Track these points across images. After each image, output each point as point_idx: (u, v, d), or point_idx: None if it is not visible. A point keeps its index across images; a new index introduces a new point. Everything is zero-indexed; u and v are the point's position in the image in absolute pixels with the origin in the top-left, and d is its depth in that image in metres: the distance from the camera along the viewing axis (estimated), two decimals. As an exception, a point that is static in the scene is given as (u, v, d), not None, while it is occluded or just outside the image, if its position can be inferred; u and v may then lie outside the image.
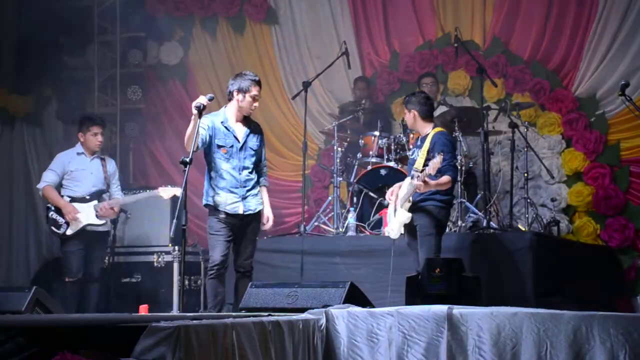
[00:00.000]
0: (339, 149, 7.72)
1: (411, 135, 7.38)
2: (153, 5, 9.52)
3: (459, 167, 6.85)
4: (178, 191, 6.79)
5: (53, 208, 7.00)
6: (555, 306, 4.58)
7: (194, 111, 5.58)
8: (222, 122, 5.91)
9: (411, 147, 7.33)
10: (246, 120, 6.01)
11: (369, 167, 7.47)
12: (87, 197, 7.01)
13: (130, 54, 9.60)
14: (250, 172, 5.98)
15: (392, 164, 7.33)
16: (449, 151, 5.91)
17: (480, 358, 4.19)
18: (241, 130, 5.96)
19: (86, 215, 6.95)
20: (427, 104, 6.15)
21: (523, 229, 7.08)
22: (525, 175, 7.39)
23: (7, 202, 9.53)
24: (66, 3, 9.43)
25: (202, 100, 5.62)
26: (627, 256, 7.74)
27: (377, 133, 7.52)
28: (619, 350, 3.98)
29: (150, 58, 9.65)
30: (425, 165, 5.84)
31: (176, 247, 7.62)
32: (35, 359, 3.35)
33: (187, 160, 5.37)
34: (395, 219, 6.01)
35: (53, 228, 7.00)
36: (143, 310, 6.91)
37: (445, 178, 5.85)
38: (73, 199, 6.99)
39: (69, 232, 6.93)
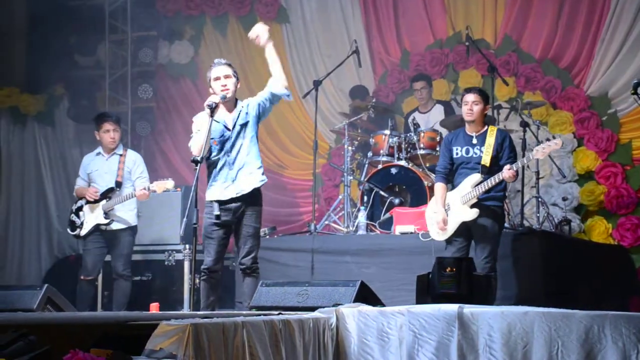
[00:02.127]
0: (350, 147, 7.71)
1: (422, 134, 7.37)
2: (164, 4, 9.54)
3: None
4: (170, 184, 6.78)
5: (74, 210, 7.08)
6: (566, 305, 4.56)
7: (207, 110, 5.57)
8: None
9: (421, 145, 7.33)
10: (235, 105, 5.75)
11: (380, 166, 7.47)
12: (99, 198, 7.04)
13: (141, 52, 9.62)
14: (242, 148, 5.66)
15: (402, 162, 7.32)
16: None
17: (491, 357, 4.18)
18: (230, 118, 5.73)
19: (95, 216, 6.97)
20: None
21: (534, 228, 7.05)
22: (537, 174, 7.37)
23: (19, 201, 9.57)
24: (77, 2, 9.47)
25: (215, 99, 5.59)
26: (639, 255, 7.71)
27: (387, 132, 7.51)
28: (631, 349, 3.96)
29: (161, 57, 9.67)
30: (496, 160, 5.91)
31: (187, 246, 7.63)
32: (47, 357, 3.36)
33: (199, 159, 5.37)
34: (454, 217, 5.96)
35: (69, 230, 7.15)
36: (154, 308, 6.94)
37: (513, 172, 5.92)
38: (88, 201, 7.05)
39: (82, 233, 7.01)
